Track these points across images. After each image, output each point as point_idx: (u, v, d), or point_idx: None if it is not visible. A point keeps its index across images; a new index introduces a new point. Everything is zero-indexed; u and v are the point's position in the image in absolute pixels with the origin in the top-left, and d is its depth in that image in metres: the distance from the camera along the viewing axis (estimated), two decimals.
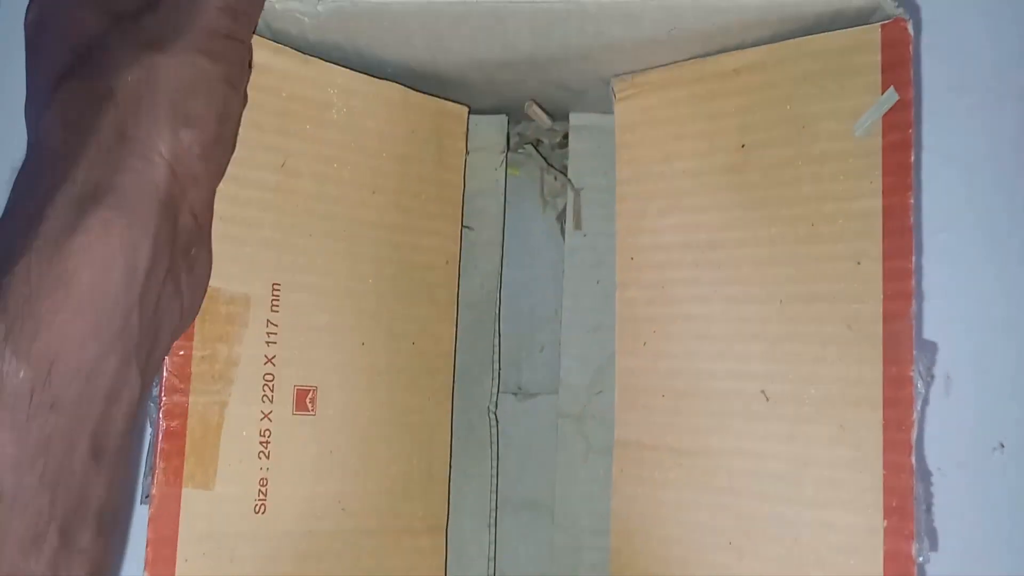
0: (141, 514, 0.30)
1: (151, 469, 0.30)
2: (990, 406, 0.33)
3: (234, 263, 0.32)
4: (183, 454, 0.30)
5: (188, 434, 0.31)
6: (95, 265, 0.25)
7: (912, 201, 0.29)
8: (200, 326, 0.31)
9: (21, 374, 0.24)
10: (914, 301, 0.28)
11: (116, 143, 0.27)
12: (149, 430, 0.31)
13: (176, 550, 0.30)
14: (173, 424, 0.30)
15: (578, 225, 0.40)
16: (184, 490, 0.30)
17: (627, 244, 0.35)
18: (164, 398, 0.30)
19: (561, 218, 0.42)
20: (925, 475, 0.32)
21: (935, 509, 0.34)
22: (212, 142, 0.29)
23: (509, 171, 0.41)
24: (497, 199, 0.41)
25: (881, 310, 0.29)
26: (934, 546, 0.32)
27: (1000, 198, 0.34)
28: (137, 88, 0.27)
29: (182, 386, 0.30)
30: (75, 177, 0.26)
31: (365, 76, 0.35)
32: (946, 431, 0.33)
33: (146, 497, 0.30)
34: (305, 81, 0.33)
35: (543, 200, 0.42)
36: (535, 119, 0.39)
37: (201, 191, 0.29)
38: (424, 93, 0.37)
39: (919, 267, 0.32)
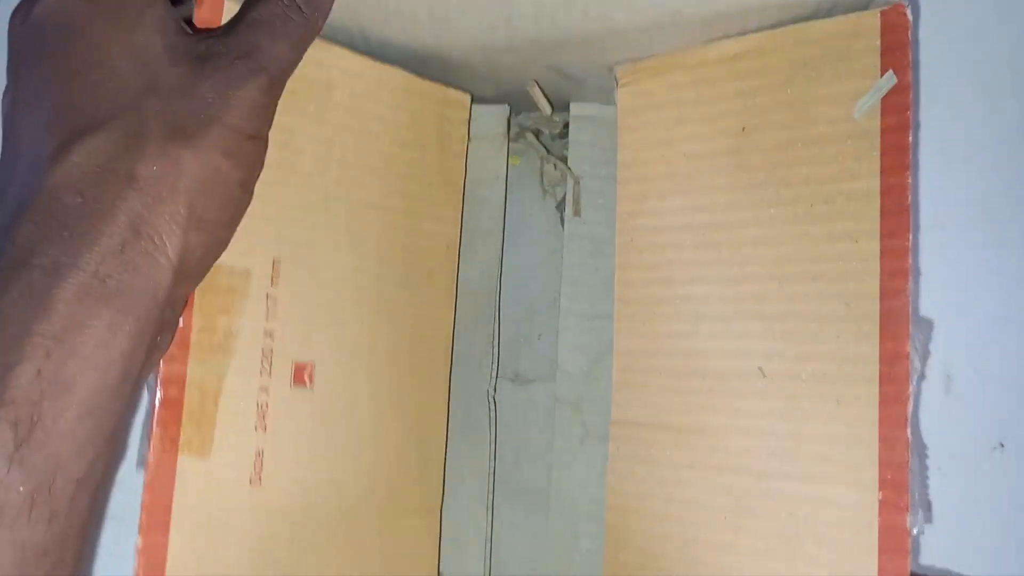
0: (137, 479, 0.30)
1: (148, 435, 0.30)
2: (990, 406, 0.33)
3: (235, 237, 0.32)
4: (180, 422, 0.30)
5: (185, 403, 0.31)
6: (98, 369, 0.25)
7: (910, 181, 0.29)
8: (200, 298, 0.31)
9: (21, 488, 0.23)
10: (911, 279, 0.29)
11: (130, 237, 0.26)
12: (146, 396, 0.31)
13: (170, 517, 0.30)
14: (171, 392, 0.30)
15: (577, 212, 0.40)
16: (180, 458, 0.30)
17: (627, 226, 0.36)
18: (162, 366, 0.30)
19: (560, 207, 0.42)
20: (920, 449, 0.32)
21: (935, 509, 0.33)
22: (214, 245, 0.29)
23: (510, 160, 0.42)
24: (498, 187, 0.41)
25: (878, 288, 0.29)
26: (928, 518, 0.32)
27: (1001, 193, 0.34)
28: (159, 182, 0.26)
29: (180, 355, 0.30)
30: (86, 263, 0.25)
31: (369, 60, 0.35)
32: (946, 431, 0.33)
33: (142, 462, 0.30)
34: (310, 62, 0.33)
35: (543, 189, 0.43)
36: (535, 100, 0.39)
37: (188, 288, 0.29)
38: (427, 79, 0.37)
39: (916, 249, 0.32)
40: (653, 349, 0.35)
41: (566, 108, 0.41)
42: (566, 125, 0.42)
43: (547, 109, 0.40)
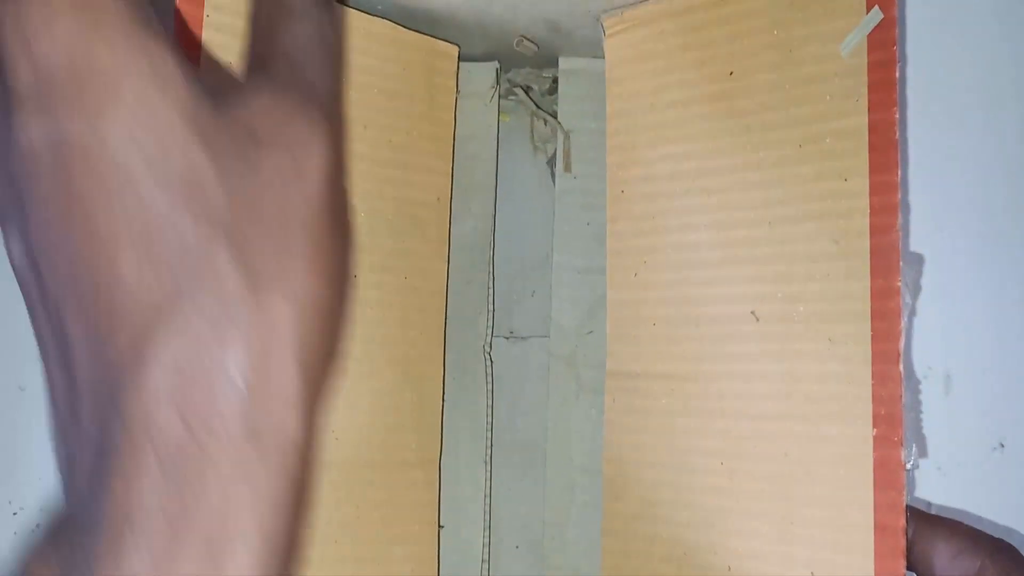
0: None
1: None
2: (990, 406, 0.33)
3: None
4: None
5: None
6: None
7: (897, 116, 0.29)
8: None
9: None
10: (900, 214, 0.29)
11: (255, 453, 0.20)
12: None
13: None
14: None
15: (568, 167, 0.40)
16: None
17: (617, 178, 0.36)
18: None
19: (551, 163, 0.42)
20: (913, 384, 0.32)
21: (935, 506, 0.33)
22: (335, 366, 0.23)
23: (500, 117, 0.42)
24: (489, 143, 0.41)
25: (868, 224, 0.29)
26: (923, 452, 0.32)
27: (1000, 195, 0.34)
28: (267, 362, 0.20)
29: None
30: (203, 509, 0.20)
31: (357, 12, 0.35)
32: (946, 431, 0.33)
33: None
34: None
35: (533, 146, 0.42)
36: (524, 51, 0.39)
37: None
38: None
39: (905, 184, 0.32)
40: (646, 299, 0.35)
41: (555, 63, 0.41)
42: (555, 80, 0.42)
43: (532, 49, 0.39)
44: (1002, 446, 0.33)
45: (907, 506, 0.29)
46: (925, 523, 0.29)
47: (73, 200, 0.20)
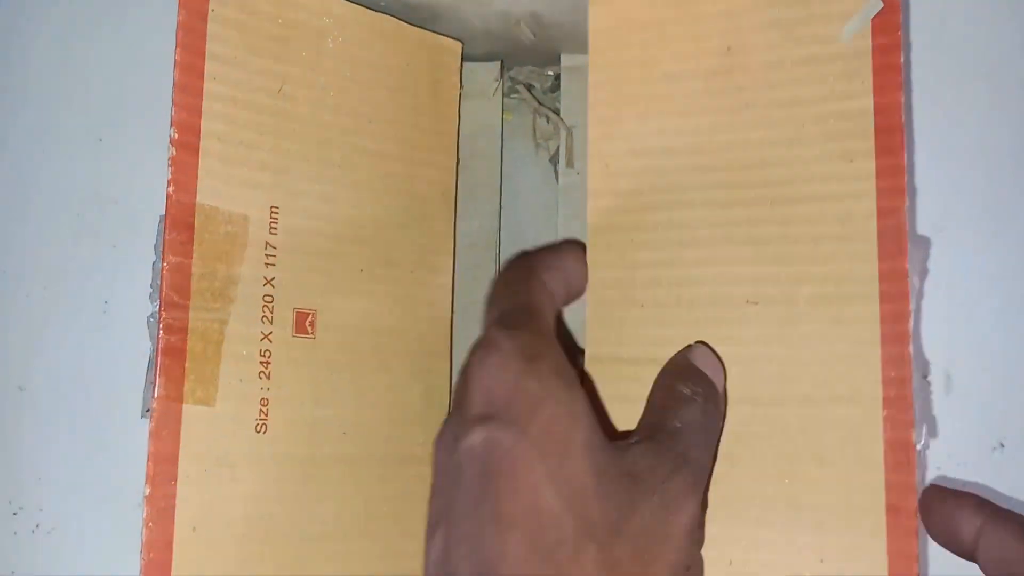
0: (142, 429, 0.30)
1: (151, 384, 0.30)
2: (990, 406, 0.33)
3: (232, 184, 0.32)
4: (183, 370, 0.30)
5: (188, 350, 0.31)
6: None
7: (903, 100, 0.29)
8: (199, 244, 0.31)
9: None
10: (907, 197, 0.29)
11: None
12: (150, 345, 0.31)
13: (177, 466, 0.30)
14: (173, 339, 0.30)
15: (570, 163, 0.40)
16: (184, 406, 0.30)
17: (600, 151, 0.34)
18: (164, 313, 0.30)
19: (554, 160, 0.43)
20: (922, 365, 0.32)
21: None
22: None
23: (503, 116, 0.42)
24: (493, 141, 0.41)
25: (875, 206, 0.29)
26: (933, 433, 0.32)
27: (1002, 196, 0.34)
28: None
29: (182, 302, 0.30)
30: None
31: (360, 7, 0.35)
32: (946, 431, 0.32)
33: (146, 411, 0.30)
34: (301, 8, 0.34)
35: (536, 143, 0.43)
36: (521, 36, 0.39)
37: None
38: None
39: (911, 167, 0.32)
40: (632, 280, 0.33)
41: (557, 61, 0.41)
42: (557, 78, 0.42)
43: (530, 37, 0.39)
44: (1002, 446, 0.33)
45: (976, 496, 0.28)
46: (997, 516, 0.28)
47: (488, 486, 0.25)
